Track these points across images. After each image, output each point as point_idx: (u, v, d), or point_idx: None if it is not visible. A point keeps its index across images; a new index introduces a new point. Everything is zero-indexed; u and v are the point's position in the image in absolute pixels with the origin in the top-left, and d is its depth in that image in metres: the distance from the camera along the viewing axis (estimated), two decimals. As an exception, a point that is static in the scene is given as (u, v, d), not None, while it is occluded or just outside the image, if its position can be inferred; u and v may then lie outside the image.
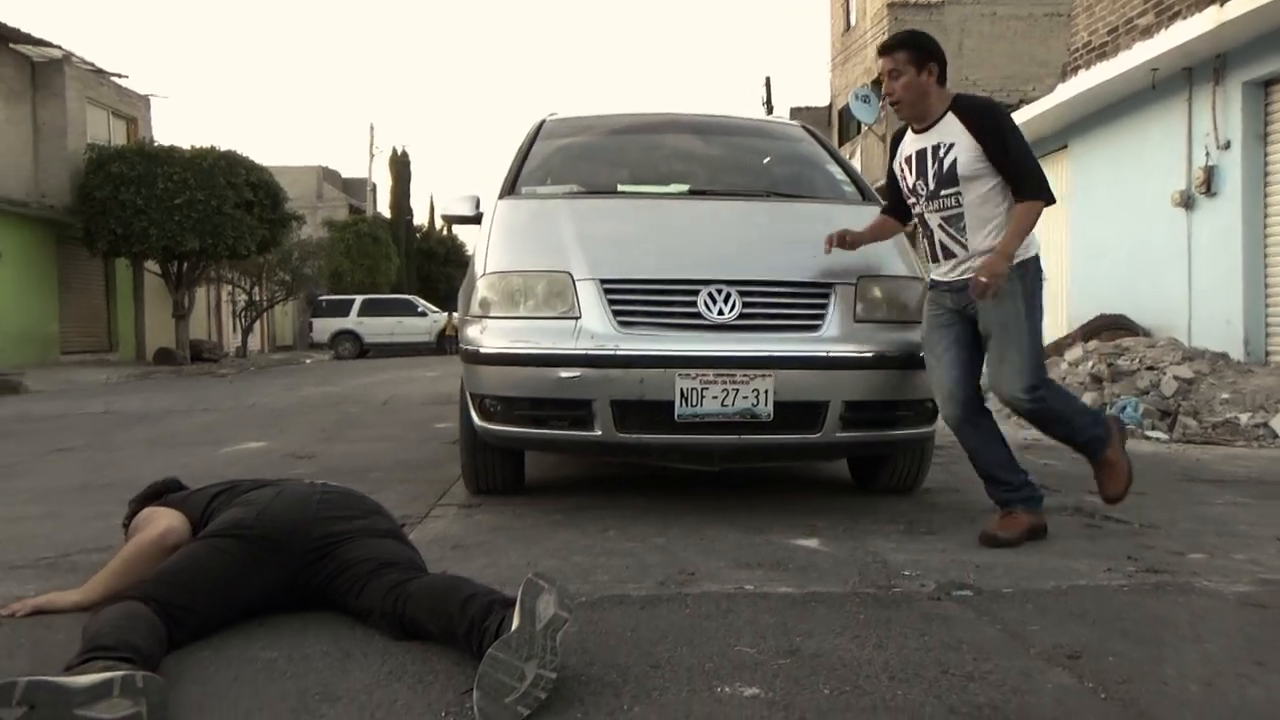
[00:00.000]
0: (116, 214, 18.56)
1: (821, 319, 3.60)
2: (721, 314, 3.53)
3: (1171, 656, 2.20)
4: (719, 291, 3.56)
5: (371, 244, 32.43)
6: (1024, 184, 3.34)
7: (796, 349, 3.52)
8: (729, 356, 3.45)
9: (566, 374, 3.47)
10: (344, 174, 43.67)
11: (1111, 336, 8.79)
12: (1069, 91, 10.52)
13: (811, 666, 2.12)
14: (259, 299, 27.88)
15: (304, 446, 6.28)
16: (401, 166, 39.56)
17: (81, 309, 20.14)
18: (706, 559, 3.08)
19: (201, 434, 7.31)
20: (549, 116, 5.28)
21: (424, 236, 42.01)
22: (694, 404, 3.41)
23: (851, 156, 20.06)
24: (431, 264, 40.86)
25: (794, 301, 3.63)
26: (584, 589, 2.70)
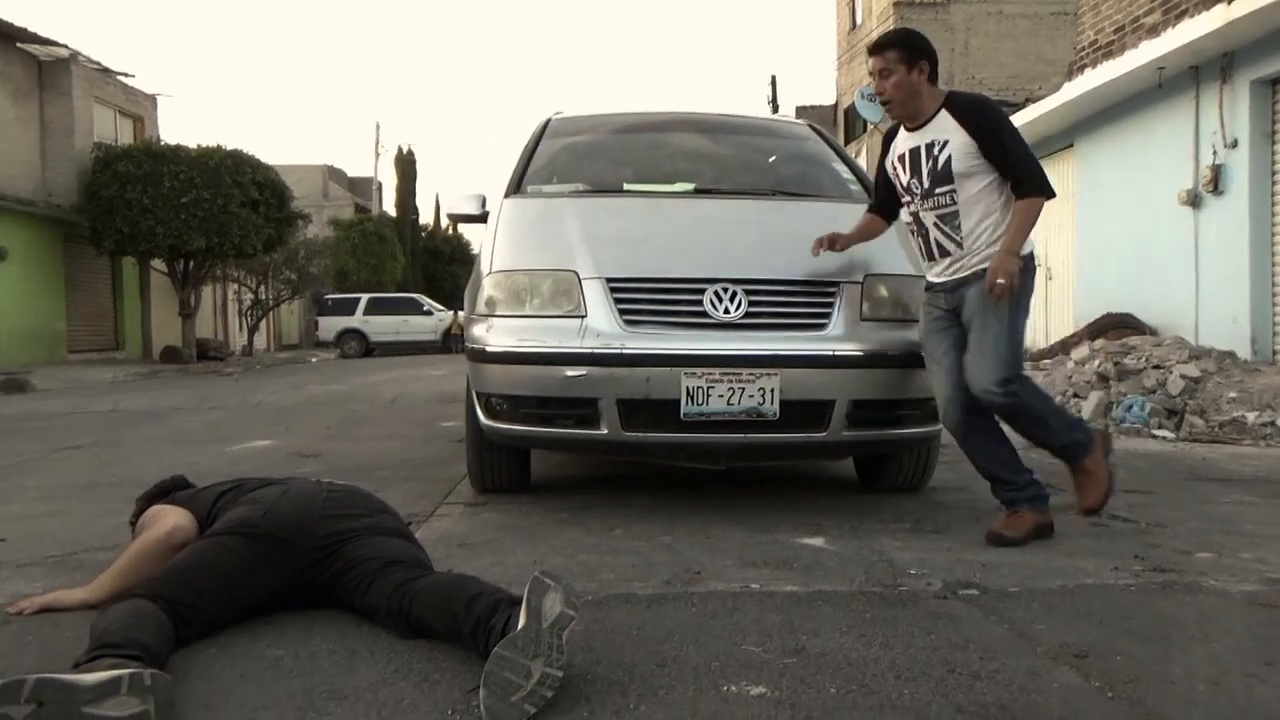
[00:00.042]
0: (123, 213, 18.59)
1: (827, 318, 3.60)
2: (727, 313, 3.53)
3: (1179, 656, 2.19)
4: (725, 290, 3.55)
5: (377, 243, 32.46)
6: (1025, 181, 3.32)
7: (802, 348, 3.51)
8: (735, 355, 3.44)
9: (572, 372, 3.47)
10: (350, 173, 43.75)
11: (1118, 335, 8.77)
12: (1075, 90, 10.50)
13: (818, 665, 2.12)
14: (265, 298, 27.93)
15: (310, 445, 6.29)
16: (407, 165, 39.60)
17: (88, 308, 20.19)
18: (712, 558, 3.08)
19: (208, 432, 7.33)
20: (555, 115, 5.27)
21: (429, 235, 42.04)
22: (700, 403, 3.40)
23: (857, 155, 20.04)
24: (437, 263, 40.89)
25: (800, 300, 3.63)
26: (590, 587, 2.71)
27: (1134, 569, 2.95)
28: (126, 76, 21.61)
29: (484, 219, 4.50)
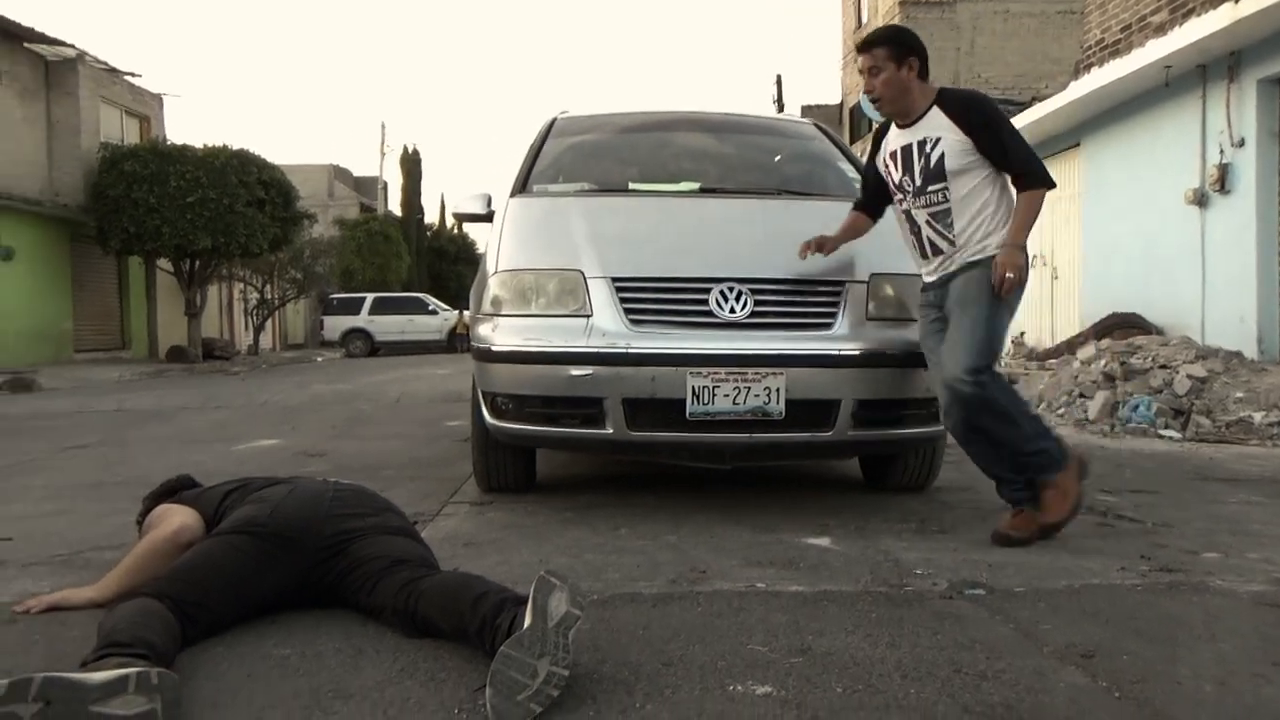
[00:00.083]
0: (129, 212, 18.64)
1: (833, 317, 3.60)
2: (733, 312, 3.53)
3: (1186, 656, 2.19)
4: (730, 290, 3.55)
5: (382, 242, 32.50)
6: (1026, 174, 3.31)
7: (808, 347, 3.51)
8: (741, 355, 3.44)
9: (578, 372, 3.47)
10: (355, 172, 43.80)
11: (1124, 335, 8.75)
12: (1082, 89, 10.48)
13: (824, 665, 2.12)
14: (271, 297, 27.97)
15: (316, 444, 6.30)
16: (412, 165, 39.63)
17: (94, 307, 20.24)
18: (718, 557, 3.08)
19: (214, 431, 7.34)
20: (560, 115, 5.28)
21: (435, 235, 42.06)
22: (705, 402, 3.40)
23: (863, 154, 19.96)
24: (442, 262, 40.91)
25: (805, 300, 3.63)
26: (595, 587, 2.71)
27: (1140, 569, 2.94)
28: (133, 76, 21.68)
29: (490, 218, 4.50)
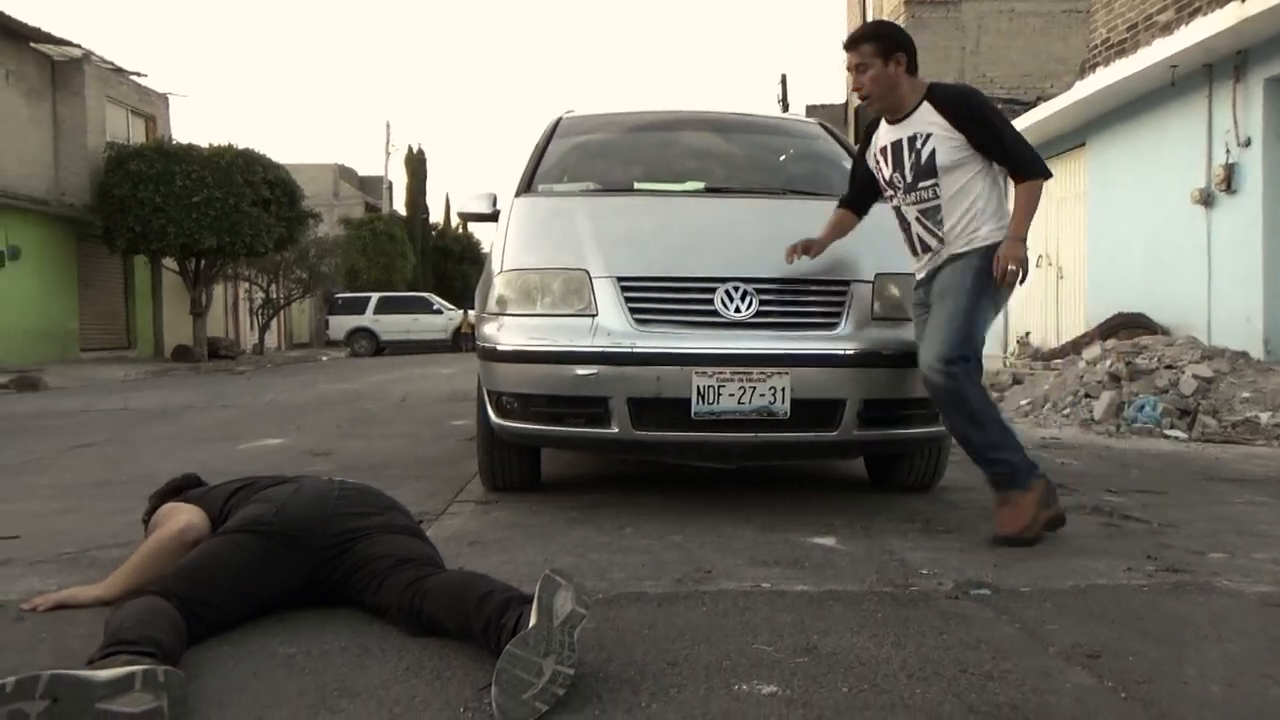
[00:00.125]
0: (135, 212, 18.70)
1: (839, 317, 3.59)
2: (738, 311, 3.53)
3: (1192, 656, 2.19)
4: (736, 289, 3.55)
5: (387, 242, 32.54)
6: (1021, 165, 3.28)
7: (813, 347, 3.50)
8: (746, 354, 3.44)
9: (583, 371, 3.47)
10: (360, 172, 43.85)
11: (1130, 335, 8.73)
12: (1087, 89, 10.45)
13: (829, 664, 2.12)
14: (276, 296, 28.02)
15: (321, 443, 6.31)
16: (417, 164, 39.67)
17: (100, 306, 20.29)
18: (723, 557, 3.08)
19: (219, 430, 7.35)
20: (565, 114, 5.28)
21: (440, 234, 42.11)
22: (711, 402, 3.40)
23: (868, 154, 19.90)
24: (447, 262, 40.96)
25: (811, 299, 3.63)
26: (601, 586, 2.71)
27: (1147, 569, 2.93)
28: (139, 76, 21.73)
29: (495, 218, 4.51)
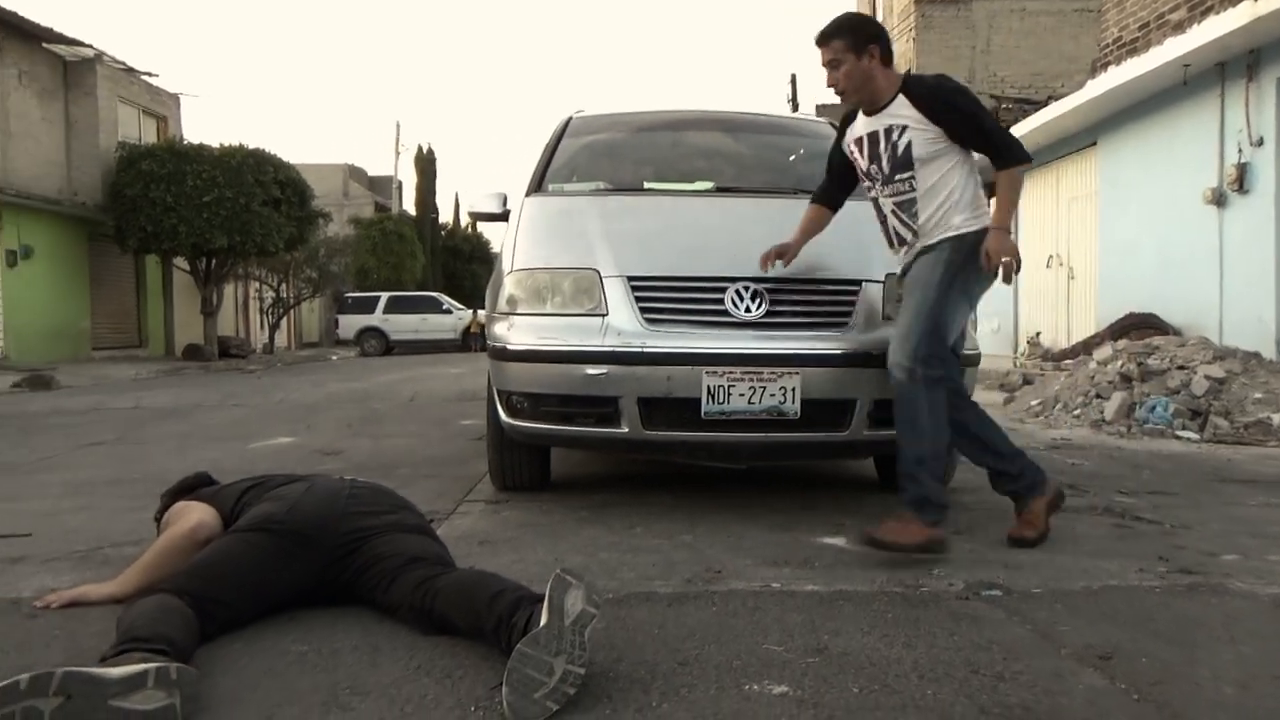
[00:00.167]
0: (147, 211, 18.78)
1: (849, 316, 3.58)
2: (749, 311, 3.52)
3: (1205, 658, 2.18)
4: (746, 289, 3.55)
5: (397, 241, 32.62)
6: (1002, 152, 3.24)
7: (824, 347, 3.50)
8: (756, 354, 3.43)
9: (593, 371, 3.47)
10: (370, 172, 43.97)
11: (1141, 335, 8.69)
12: (1099, 88, 10.42)
13: (840, 665, 2.11)
14: (286, 296, 28.11)
15: (331, 442, 6.32)
16: (427, 164, 39.75)
17: (112, 305, 20.39)
18: (733, 557, 3.08)
19: (230, 429, 7.38)
20: (575, 114, 5.28)
21: (449, 234, 42.19)
22: (721, 401, 3.40)
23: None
24: (456, 261, 41.04)
25: (821, 299, 3.62)
26: (611, 585, 2.71)
27: (1159, 570, 2.92)
28: (150, 76, 21.84)
29: (505, 217, 4.51)
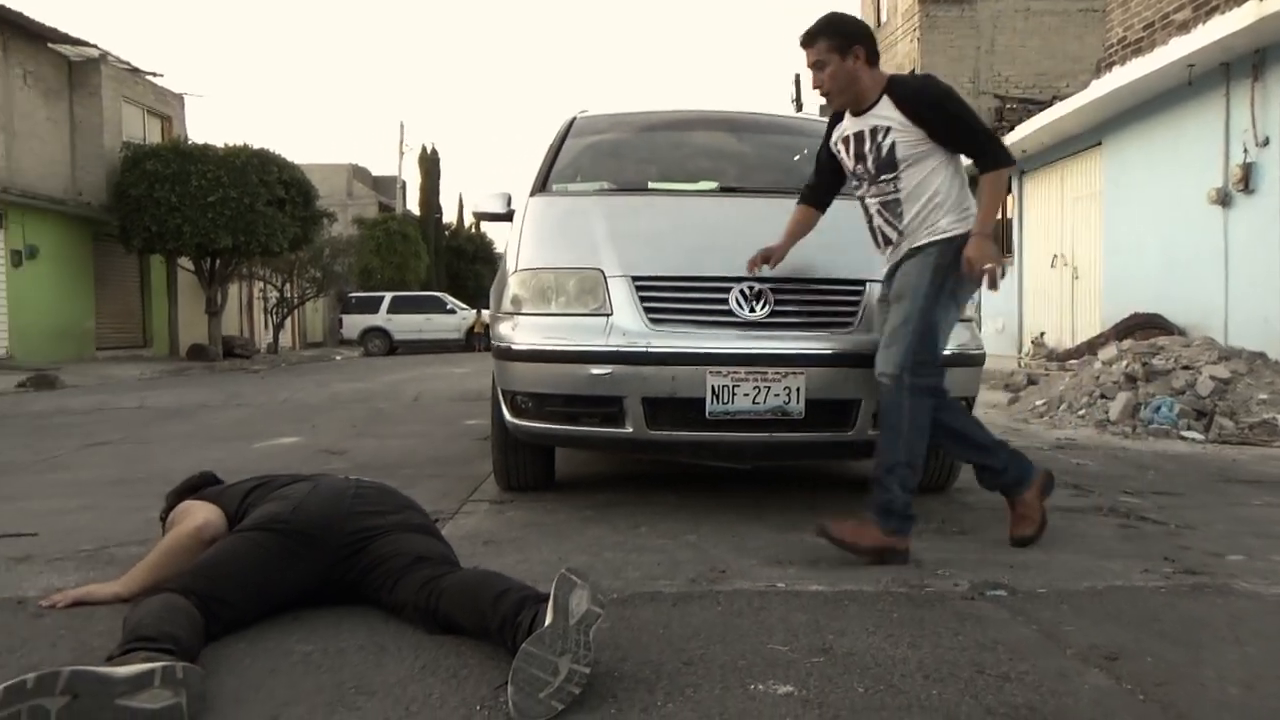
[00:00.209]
0: (151, 211, 18.81)
1: (853, 316, 3.58)
2: (753, 311, 3.52)
3: (1211, 659, 2.17)
4: (750, 289, 3.55)
5: (401, 241, 32.64)
6: (985, 155, 3.21)
7: (829, 347, 3.49)
8: (761, 354, 3.43)
9: (598, 371, 3.47)
10: (374, 172, 44.00)
11: (1146, 335, 8.68)
12: (1103, 88, 10.41)
13: (845, 665, 2.11)
14: (290, 296, 28.14)
15: (336, 442, 6.33)
16: (431, 164, 39.78)
17: (116, 305, 20.43)
18: (738, 556, 3.08)
19: (235, 429, 7.39)
20: (579, 114, 5.28)
21: (453, 234, 42.21)
22: (725, 401, 3.40)
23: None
24: (460, 261, 41.06)
25: (826, 299, 3.61)
26: (616, 585, 2.71)
27: (1164, 571, 2.92)
28: (155, 76, 21.87)
29: (509, 217, 4.52)
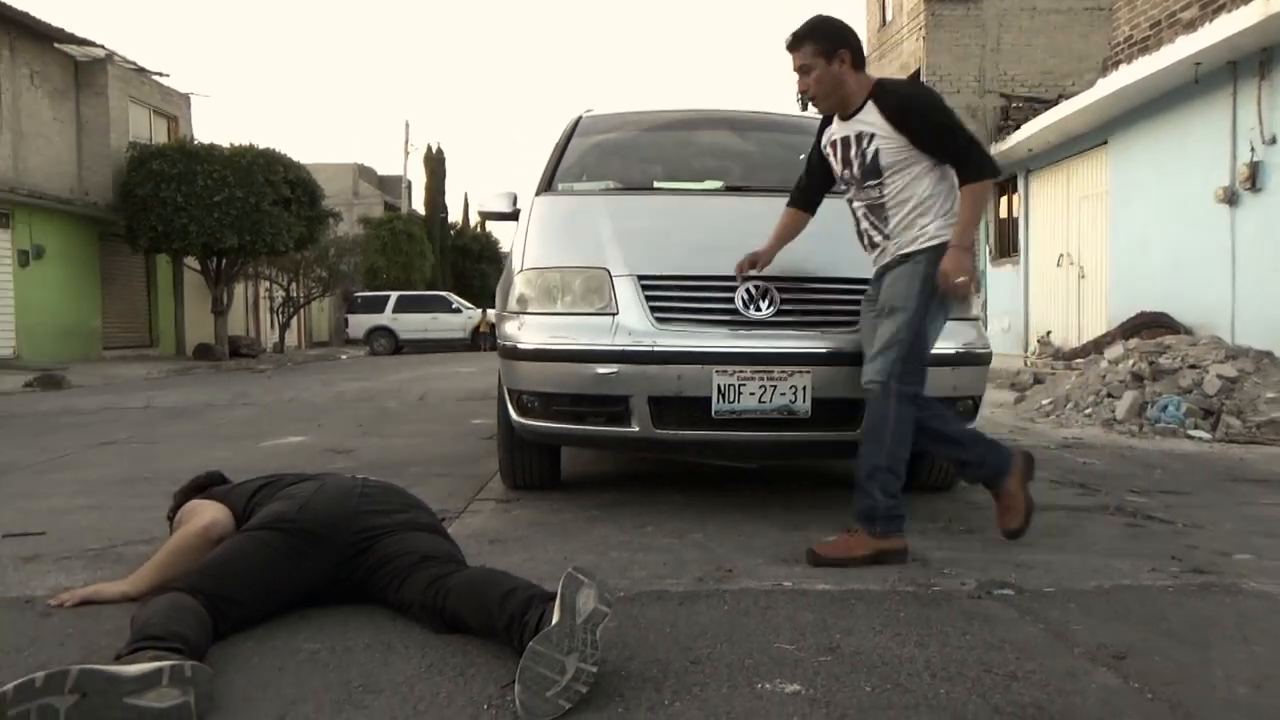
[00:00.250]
0: (157, 211, 18.84)
1: (859, 316, 3.57)
2: (759, 310, 3.52)
3: (1219, 658, 2.17)
4: (756, 288, 3.54)
5: (406, 241, 32.65)
6: (968, 166, 3.17)
7: (834, 345, 3.49)
8: (767, 353, 3.43)
9: (604, 370, 3.47)
10: (380, 171, 44.05)
11: (1153, 334, 8.67)
12: (1110, 87, 10.38)
13: (852, 664, 2.11)
14: (296, 295, 28.18)
15: (342, 441, 6.34)
16: (436, 163, 39.80)
17: (123, 305, 20.47)
18: (744, 555, 3.08)
19: (241, 428, 7.40)
20: (585, 113, 5.29)
21: (458, 233, 42.24)
22: (731, 400, 3.40)
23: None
24: (466, 261, 41.09)
25: (832, 298, 3.61)
26: (622, 584, 2.71)
27: (1171, 570, 2.91)
28: (161, 76, 21.91)
29: (515, 217, 4.52)
